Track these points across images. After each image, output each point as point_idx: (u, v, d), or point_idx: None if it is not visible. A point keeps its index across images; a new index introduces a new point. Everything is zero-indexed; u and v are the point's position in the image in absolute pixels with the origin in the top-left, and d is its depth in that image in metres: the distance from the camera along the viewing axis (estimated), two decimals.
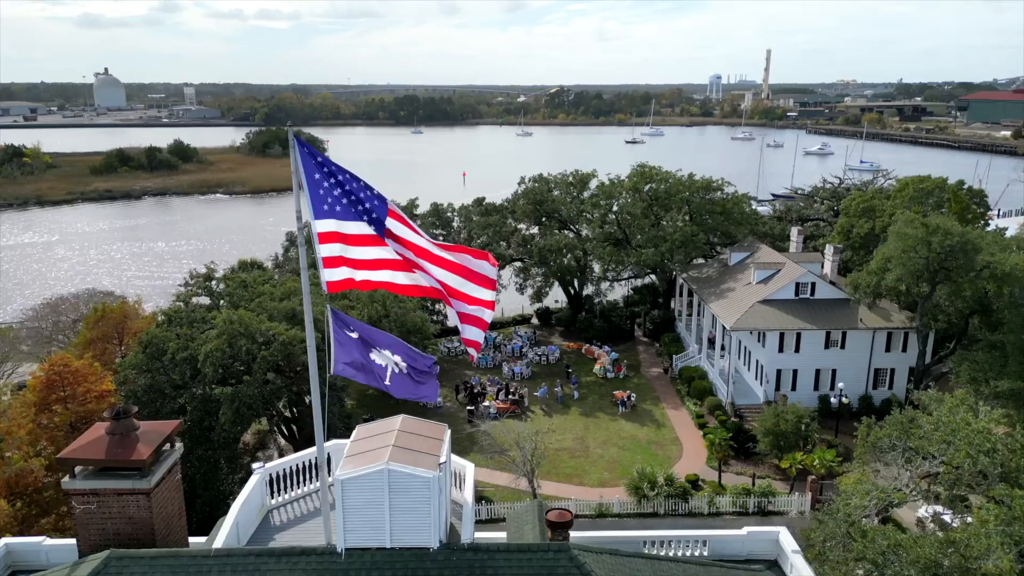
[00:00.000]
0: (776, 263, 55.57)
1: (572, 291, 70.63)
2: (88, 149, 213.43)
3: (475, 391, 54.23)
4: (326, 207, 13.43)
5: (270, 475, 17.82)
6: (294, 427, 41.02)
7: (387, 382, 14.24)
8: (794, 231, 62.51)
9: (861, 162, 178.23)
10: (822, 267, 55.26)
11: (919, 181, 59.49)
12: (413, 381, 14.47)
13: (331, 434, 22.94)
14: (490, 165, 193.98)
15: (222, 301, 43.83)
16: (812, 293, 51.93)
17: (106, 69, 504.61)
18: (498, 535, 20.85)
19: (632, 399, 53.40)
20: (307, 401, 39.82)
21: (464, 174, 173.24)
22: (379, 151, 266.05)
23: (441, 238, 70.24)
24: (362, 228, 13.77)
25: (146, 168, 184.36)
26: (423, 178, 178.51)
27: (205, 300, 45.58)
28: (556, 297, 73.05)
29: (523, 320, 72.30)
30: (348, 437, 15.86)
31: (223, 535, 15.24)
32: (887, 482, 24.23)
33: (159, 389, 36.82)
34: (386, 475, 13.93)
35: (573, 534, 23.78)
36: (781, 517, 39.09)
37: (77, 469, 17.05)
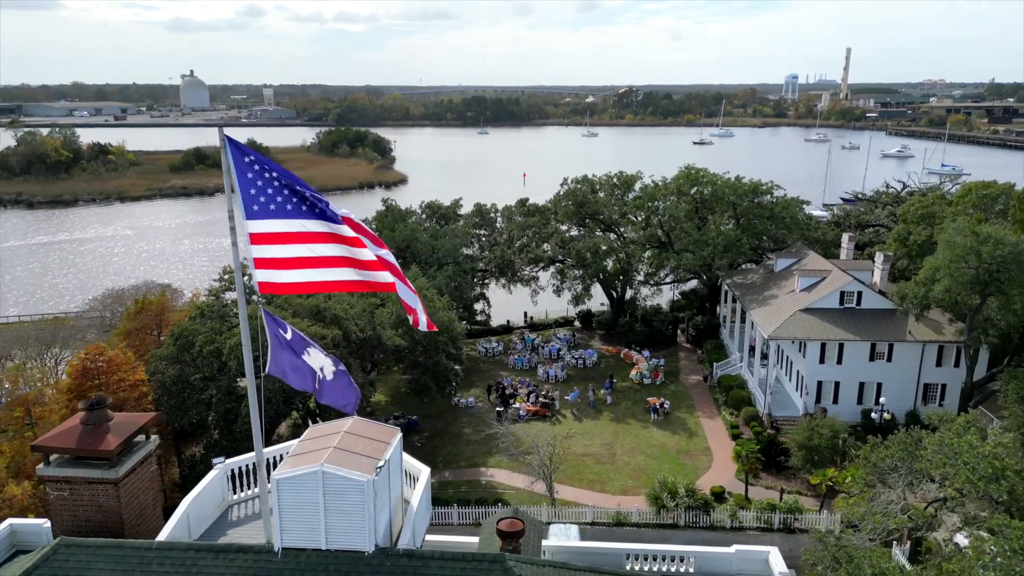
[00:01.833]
0: (822, 270, 53.39)
1: (615, 294, 69.64)
2: (172, 148, 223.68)
3: (506, 392, 54.07)
4: (257, 207, 13.56)
5: (231, 470, 18.14)
6: (318, 420, 41.86)
7: (316, 385, 14.33)
8: (845, 237, 59.79)
9: (943, 165, 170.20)
10: (872, 275, 52.78)
11: (983, 186, 55.91)
12: (340, 387, 14.49)
13: None
14: (552, 166, 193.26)
15: (254, 296, 45.01)
16: (858, 302, 49.67)
17: (192, 71, 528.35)
18: (473, 539, 20.71)
19: (666, 406, 52.23)
20: None
21: (524, 175, 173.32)
22: (444, 151, 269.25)
23: (484, 238, 70.37)
24: (308, 226, 13.80)
25: (220, 166, 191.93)
26: (485, 178, 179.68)
27: None
28: (602, 300, 72.16)
29: (565, 322, 71.81)
30: None
31: (169, 528, 15.60)
32: (896, 504, 22.86)
33: (187, 381, 38.13)
34: (320, 477, 13.99)
35: (578, 543, 23.48)
36: (808, 535, 37.50)
37: (53, 457, 17.81)
